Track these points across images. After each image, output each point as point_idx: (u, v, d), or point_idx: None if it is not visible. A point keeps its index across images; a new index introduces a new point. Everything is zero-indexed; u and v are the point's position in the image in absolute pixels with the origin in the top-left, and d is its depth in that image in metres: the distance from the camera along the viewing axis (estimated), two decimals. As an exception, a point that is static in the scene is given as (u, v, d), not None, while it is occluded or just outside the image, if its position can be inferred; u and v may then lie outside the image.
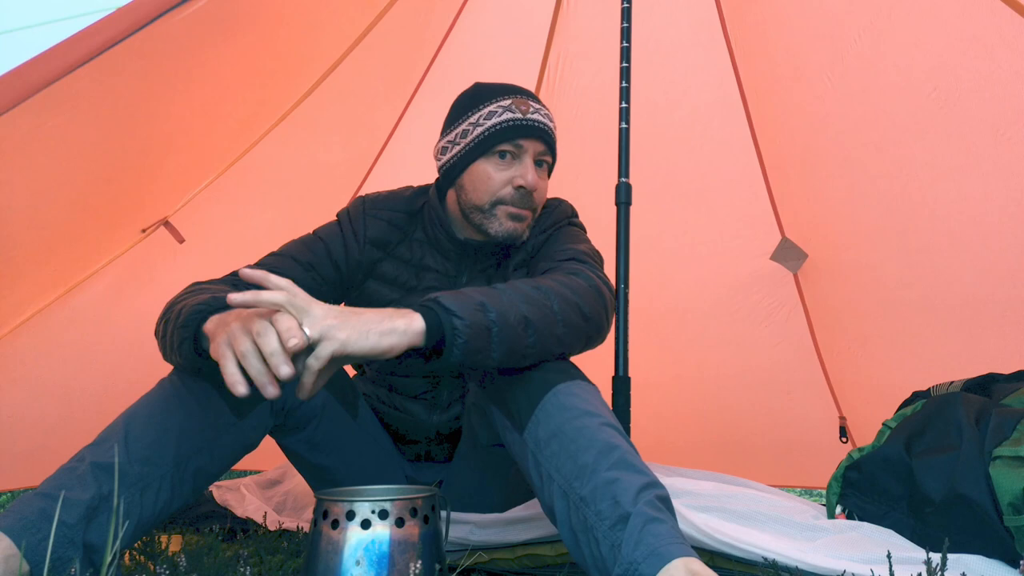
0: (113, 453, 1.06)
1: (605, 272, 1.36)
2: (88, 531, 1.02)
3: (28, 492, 1.07)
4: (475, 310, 1.05)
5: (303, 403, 1.32)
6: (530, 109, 1.42)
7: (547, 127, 1.43)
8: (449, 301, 1.05)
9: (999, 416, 1.40)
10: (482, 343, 1.05)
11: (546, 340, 1.12)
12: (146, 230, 2.04)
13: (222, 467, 1.22)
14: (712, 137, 2.42)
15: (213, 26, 1.52)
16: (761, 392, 2.64)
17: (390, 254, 1.47)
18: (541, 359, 1.14)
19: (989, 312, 2.08)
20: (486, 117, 1.41)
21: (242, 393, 0.93)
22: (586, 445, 1.03)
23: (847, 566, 1.16)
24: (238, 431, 1.20)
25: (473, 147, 1.41)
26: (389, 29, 2.14)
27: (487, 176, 1.40)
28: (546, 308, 1.13)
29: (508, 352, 1.09)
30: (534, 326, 1.10)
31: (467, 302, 1.06)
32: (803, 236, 2.41)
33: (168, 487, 1.11)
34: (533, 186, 1.39)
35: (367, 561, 1.01)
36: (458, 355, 1.03)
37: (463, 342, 1.03)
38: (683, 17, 2.25)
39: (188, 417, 1.14)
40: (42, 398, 2.08)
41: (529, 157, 1.40)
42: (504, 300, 1.09)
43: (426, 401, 1.49)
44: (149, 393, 1.17)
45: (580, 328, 1.18)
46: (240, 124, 2.06)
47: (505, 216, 1.40)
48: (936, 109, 1.91)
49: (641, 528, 0.94)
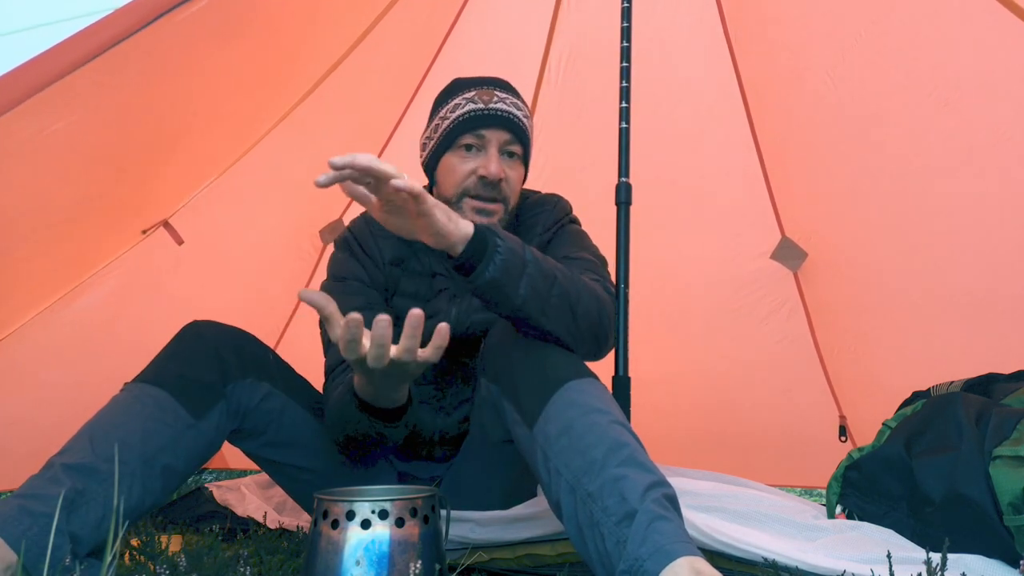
0: (81, 456, 1.10)
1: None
2: (70, 523, 1.05)
3: (3, 496, 1.10)
4: (517, 245, 1.12)
5: (259, 405, 1.33)
6: (493, 99, 1.42)
7: (511, 115, 1.42)
8: (497, 228, 1.13)
9: (999, 416, 1.40)
10: (516, 271, 1.11)
11: (565, 305, 1.17)
12: (146, 231, 2.05)
13: (189, 466, 1.25)
14: (712, 137, 2.42)
15: (212, 27, 1.52)
16: (761, 391, 2.64)
17: (405, 270, 1.48)
18: (556, 328, 1.17)
19: (989, 311, 2.07)
20: (452, 110, 1.43)
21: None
22: (595, 441, 1.04)
23: (847, 566, 1.16)
24: (197, 431, 1.23)
25: (441, 141, 1.43)
26: (390, 30, 2.14)
27: (453, 168, 1.41)
28: (571, 282, 1.19)
29: (533, 294, 1.13)
30: (560, 287, 1.16)
31: (511, 238, 1.13)
32: (803, 235, 2.41)
33: (140, 484, 1.14)
34: (496, 175, 1.39)
35: (367, 561, 1.01)
36: (493, 272, 1.09)
37: (501, 259, 1.09)
38: (683, 17, 2.25)
39: (148, 419, 1.18)
40: (43, 400, 2.08)
41: (493, 147, 1.41)
42: (540, 255, 1.17)
43: (431, 405, 1.49)
44: (105, 406, 1.21)
45: (592, 320, 1.21)
46: (240, 125, 2.06)
47: (471, 210, 1.40)
48: (936, 109, 1.91)
49: (647, 525, 0.94)
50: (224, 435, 1.31)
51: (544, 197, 1.56)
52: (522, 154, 1.47)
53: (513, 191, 1.45)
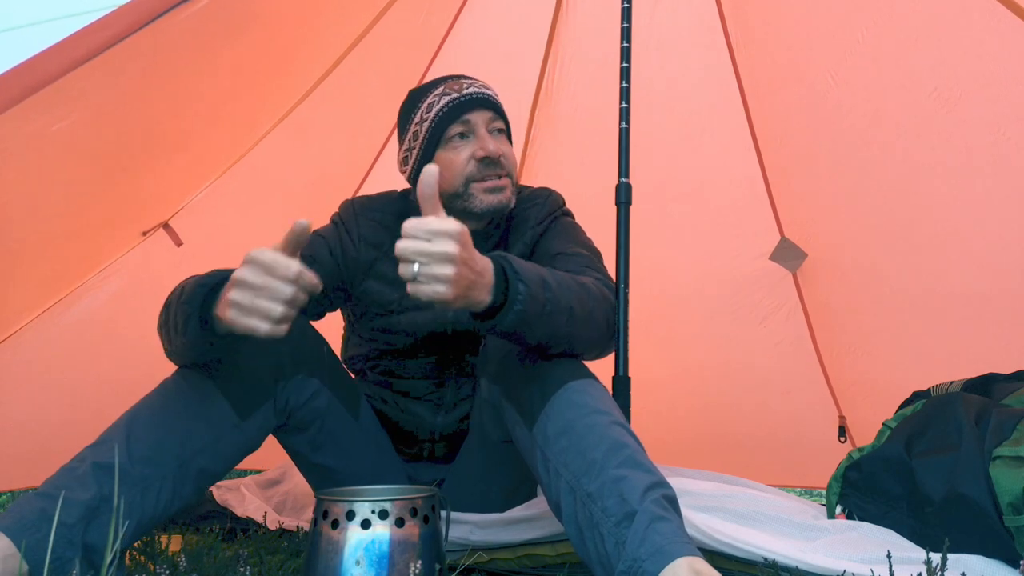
0: (114, 453, 1.06)
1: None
2: (88, 532, 1.02)
3: (28, 492, 1.07)
4: (538, 284, 1.06)
5: (306, 404, 1.33)
6: (464, 86, 1.44)
7: (487, 95, 1.45)
8: (519, 264, 1.06)
9: (999, 416, 1.40)
10: (533, 317, 1.06)
11: (579, 333, 1.16)
12: (146, 233, 2.05)
13: (225, 467, 1.22)
14: (712, 137, 2.42)
15: (212, 27, 1.52)
16: (761, 392, 2.64)
17: (385, 254, 1.47)
18: (565, 351, 1.17)
19: (989, 312, 2.07)
20: (427, 111, 1.43)
21: (265, 330, 0.95)
22: (595, 442, 1.04)
23: (847, 566, 1.16)
24: (241, 432, 1.20)
25: (427, 143, 1.43)
26: (388, 29, 2.14)
27: (450, 162, 1.41)
28: (586, 305, 1.16)
29: (549, 335, 1.11)
30: (576, 317, 1.13)
31: (534, 273, 1.07)
32: (802, 236, 2.41)
33: (170, 488, 1.11)
34: (495, 151, 1.40)
35: (367, 561, 1.01)
36: (511, 320, 1.04)
37: (519, 309, 1.03)
38: (683, 17, 2.25)
39: (191, 418, 1.14)
40: (44, 400, 2.08)
41: (482, 128, 1.42)
42: (560, 283, 1.11)
43: (431, 402, 1.49)
44: (151, 393, 1.17)
45: (603, 334, 1.22)
46: (239, 126, 2.06)
47: (481, 192, 1.40)
48: (936, 109, 1.91)
49: (647, 526, 0.94)
50: (266, 434, 1.29)
51: (536, 191, 1.56)
52: (506, 130, 1.49)
53: (513, 164, 1.46)
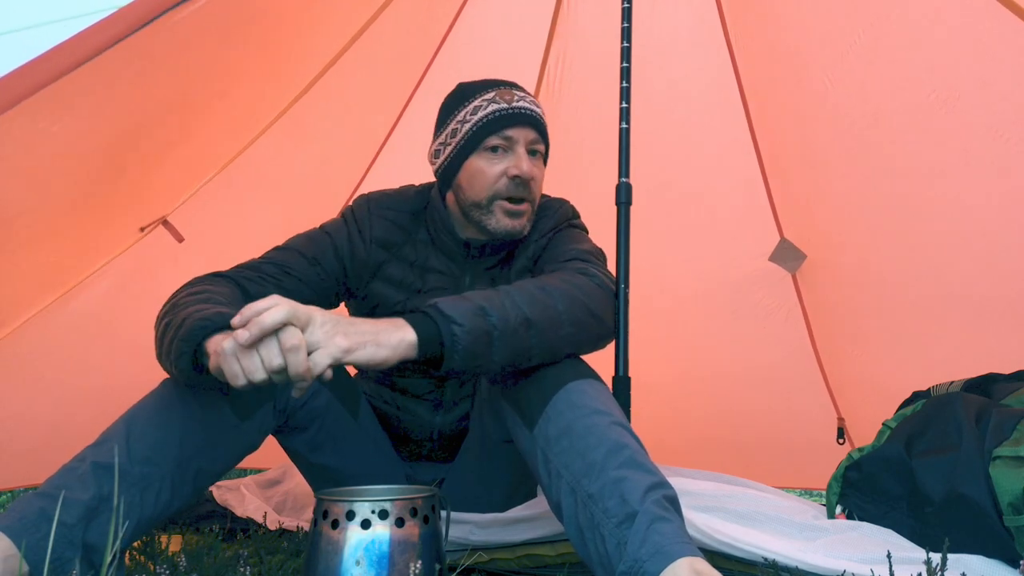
0: (114, 453, 1.06)
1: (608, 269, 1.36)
2: (88, 531, 1.02)
3: (28, 492, 1.07)
4: (475, 315, 1.05)
5: (306, 404, 1.33)
6: (515, 98, 1.41)
7: (535, 113, 1.42)
8: (449, 307, 1.05)
9: (999, 416, 1.40)
10: (482, 348, 1.05)
11: (551, 340, 1.13)
12: (144, 229, 2.04)
13: (223, 468, 1.22)
14: (712, 137, 2.42)
15: (210, 24, 1.52)
16: (760, 392, 2.64)
17: (395, 255, 1.46)
18: (548, 359, 1.15)
19: (989, 312, 2.07)
20: (472, 112, 1.40)
21: (242, 384, 0.94)
22: (595, 443, 1.04)
23: (847, 566, 1.16)
24: (240, 432, 1.20)
25: (464, 144, 1.40)
26: (387, 27, 2.14)
27: (481, 172, 1.39)
28: (550, 308, 1.13)
29: (511, 355, 1.09)
30: (537, 327, 1.10)
31: (467, 307, 1.06)
32: (802, 237, 2.41)
33: (169, 488, 1.11)
34: (528, 174, 1.38)
35: (367, 561, 1.01)
36: (458, 361, 1.04)
37: (462, 348, 1.03)
38: (683, 17, 2.25)
39: (191, 418, 1.14)
40: (43, 398, 2.08)
41: (521, 146, 1.39)
42: (506, 302, 1.09)
43: (430, 401, 1.49)
44: (151, 393, 1.17)
45: (590, 326, 1.19)
46: (237, 122, 2.06)
47: (502, 213, 1.39)
48: (936, 109, 1.91)
49: (647, 527, 0.94)
50: (266, 435, 1.29)
51: (548, 202, 1.54)
52: (544, 152, 1.47)
53: (539, 189, 1.45)
